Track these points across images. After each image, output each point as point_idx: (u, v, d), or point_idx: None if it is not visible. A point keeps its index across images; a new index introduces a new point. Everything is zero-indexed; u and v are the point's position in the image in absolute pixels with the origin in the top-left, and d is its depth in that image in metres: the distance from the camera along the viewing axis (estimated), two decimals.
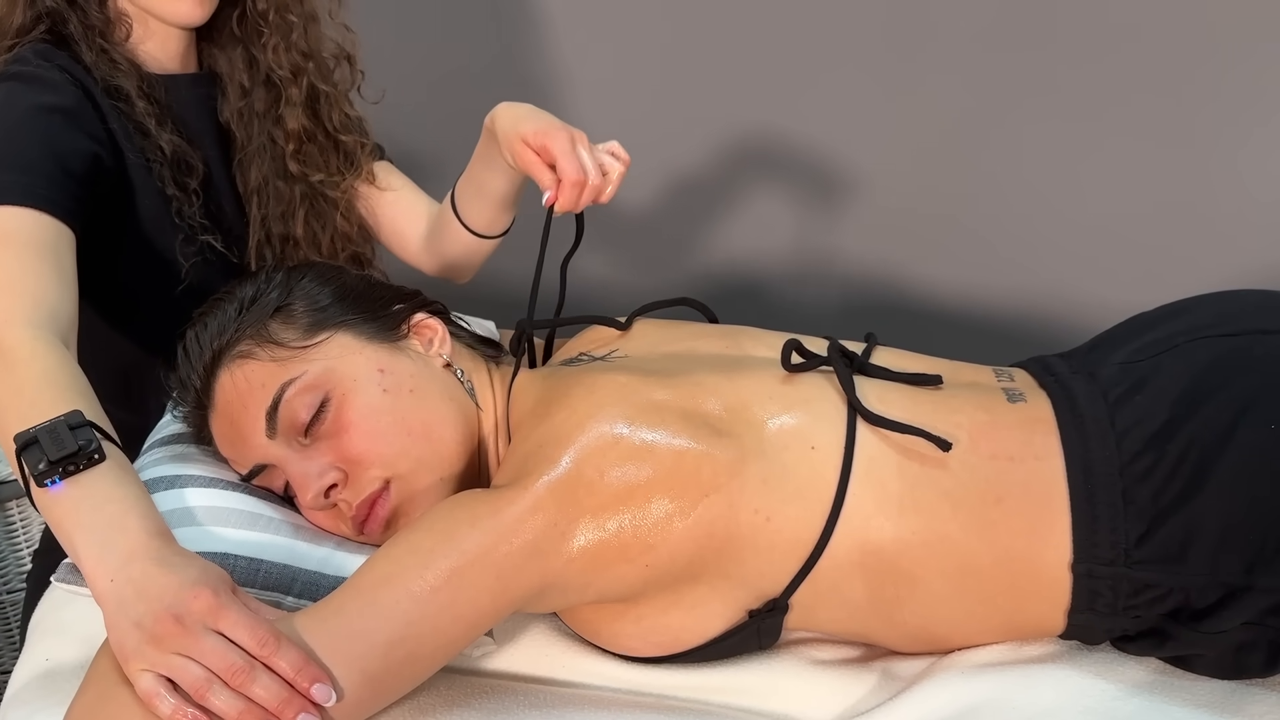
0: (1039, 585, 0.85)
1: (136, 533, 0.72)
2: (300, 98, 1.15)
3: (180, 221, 1.07)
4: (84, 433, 0.74)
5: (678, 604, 0.86)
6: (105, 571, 0.71)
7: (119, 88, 1.04)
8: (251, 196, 1.17)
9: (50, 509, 0.74)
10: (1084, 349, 0.99)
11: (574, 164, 0.96)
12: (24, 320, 0.81)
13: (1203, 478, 0.82)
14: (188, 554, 0.73)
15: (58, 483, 0.73)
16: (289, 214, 1.18)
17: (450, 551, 0.77)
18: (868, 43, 1.65)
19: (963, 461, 0.86)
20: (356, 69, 1.22)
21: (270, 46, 1.13)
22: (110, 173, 1.01)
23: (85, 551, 0.72)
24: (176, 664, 0.68)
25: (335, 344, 0.91)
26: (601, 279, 1.83)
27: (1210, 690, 0.86)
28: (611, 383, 0.87)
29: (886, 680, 0.90)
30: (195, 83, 1.15)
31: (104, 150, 1.00)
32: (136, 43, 1.09)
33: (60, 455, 0.72)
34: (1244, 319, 0.93)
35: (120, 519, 0.73)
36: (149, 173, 1.05)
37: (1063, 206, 1.70)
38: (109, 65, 1.04)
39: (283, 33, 1.13)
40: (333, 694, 0.70)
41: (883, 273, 1.79)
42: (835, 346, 0.94)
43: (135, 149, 1.05)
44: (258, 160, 1.16)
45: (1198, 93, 1.59)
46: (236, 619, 0.69)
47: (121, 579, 0.70)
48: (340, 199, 1.21)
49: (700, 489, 0.82)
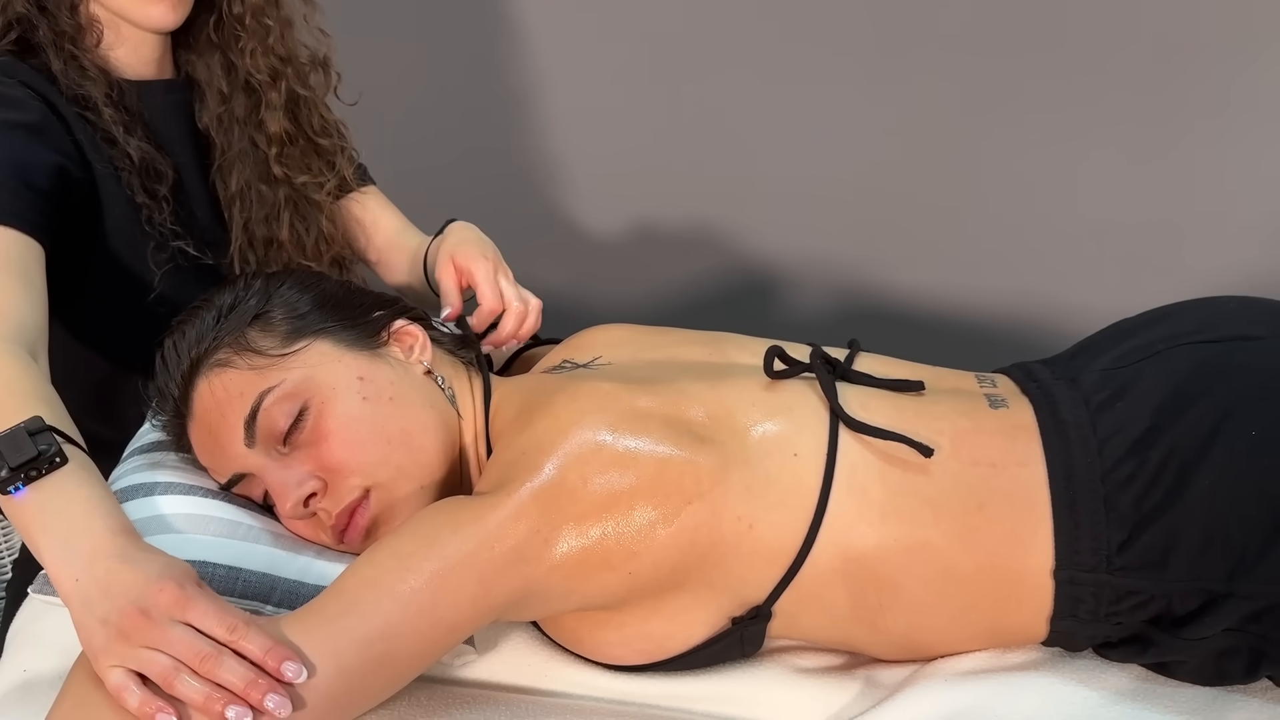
0: (1021, 592, 0.85)
1: (100, 532, 0.72)
2: (280, 101, 1.14)
3: (151, 229, 1.06)
4: (44, 438, 0.74)
5: (660, 611, 0.86)
6: (70, 572, 0.71)
7: (85, 96, 1.03)
8: (233, 201, 1.16)
9: (16, 516, 0.74)
10: (1066, 355, 1.00)
11: (493, 292, 1.06)
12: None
13: (1184, 485, 0.82)
14: (152, 549, 0.73)
15: (21, 489, 0.73)
16: (273, 217, 1.17)
17: (433, 556, 0.77)
18: (851, 47, 1.65)
19: (944, 468, 0.86)
20: (333, 72, 1.22)
21: (248, 51, 1.12)
22: (79, 184, 1.00)
23: (50, 554, 0.72)
24: (145, 656, 0.68)
25: (314, 352, 0.90)
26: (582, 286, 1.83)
27: (1192, 697, 0.86)
28: (595, 390, 0.87)
29: (869, 688, 0.90)
30: (170, 89, 1.15)
31: (71, 163, 0.99)
32: (108, 49, 1.08)
33: (20, 461, 0.73)
34: (1225, 326, 0.93)
35: (83, 519, 0.73)
36: (118, 182, 1.04)
37: (1046, 214, 1.71)
38: (78, 72, 1.03)
39: (260, 37, 1.13)
40: (304, 670, 0.70)
41: (867, 278, 1.79)
42: (818, 353, 0.94)
43: (103, 159, 1.04)
44: (239, 165, 1.15)
45: (1181, 101, 1.60)
46: (204, 609, 0.69)
47: (86, 578, 0.70)
48: (325, 201, 1.20)
49: (683, 496, 0.82)
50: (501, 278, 1.09)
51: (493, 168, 1.82)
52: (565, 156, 1.81)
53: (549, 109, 1.77)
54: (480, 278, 1.07)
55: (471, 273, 1.08)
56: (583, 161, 1.81)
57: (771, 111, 1.71)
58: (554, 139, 1.79)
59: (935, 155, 1.70)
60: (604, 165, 1.81)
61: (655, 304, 1.86)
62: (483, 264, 1.08)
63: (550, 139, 1.79)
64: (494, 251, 1.12)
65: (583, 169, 1.82)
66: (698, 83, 1.71)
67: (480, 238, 1.14)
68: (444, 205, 1.32)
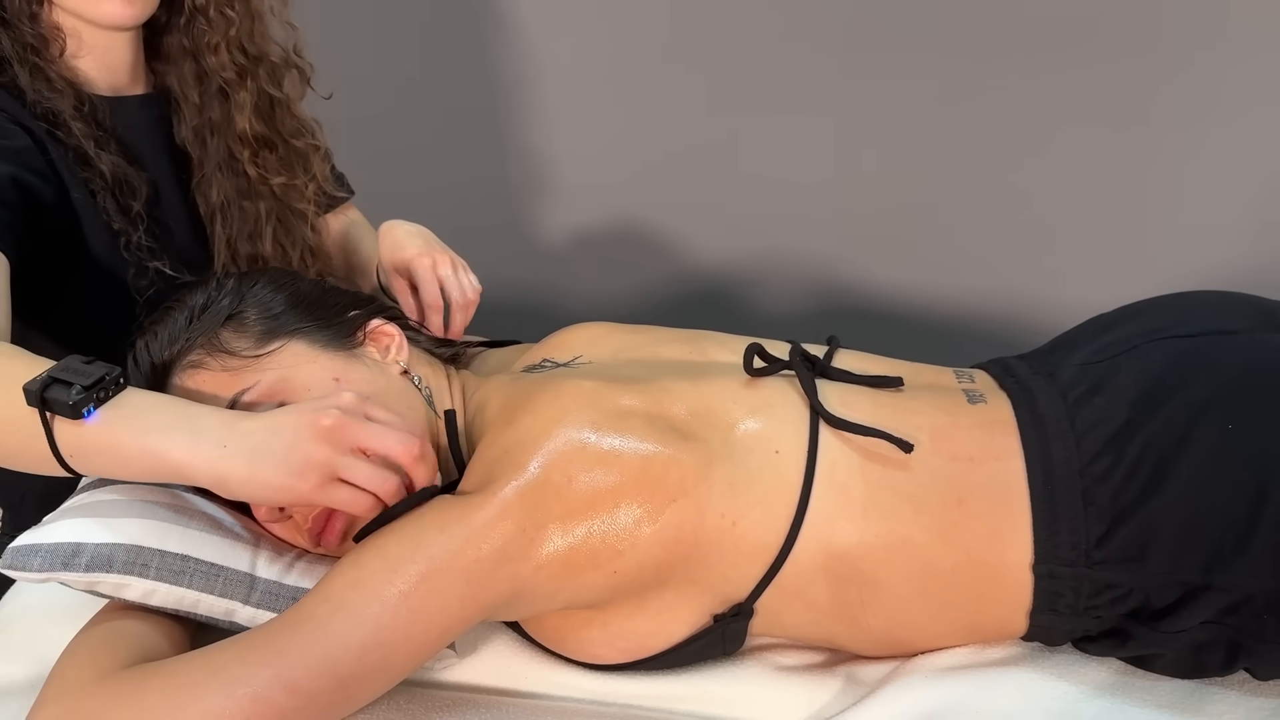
0: (1001, 586, 0.85)
1: (214, 411, 0.75)
2: (250, 102, 1.12)
3: (129, 255, 1.03)
4: (97, 365, 0.74)
5: (644, 609, 0.86)
6: (211, 445, 0.73)
7: (53, 111, 0.99)
8: (214, 216, 1.13)
9: (90, 438, 0.73)
10: (1044, 350, 1.00)
11: (432, 289, 1.08)
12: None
13: (1161, 478, 0.82)
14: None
15: (93, 412, 0.72)
16: (256, 234, 1.15)
17: (419, 557, 0.77)
18: (828, 46, 1.66)
19: (924, 463, 0.86)
20: (306, 72, 1.19)
21: (214, 46, 1.09)
22: (56, 210, 0.97)
23: (172, 445, 0.73)
24: (348, 462, 0.75)
25: (289, 352, 0.89)
26: (560, 284, 1.83)
27: (1171, 690, 0.87)
28: (576, 389, 0.87)
29: (851, 685, 0.90)
30: (146, 104, 1.11)
31: (46, 186, 0.96)
32: (73, 59, 1.04)
33: (91, 381, 0.72)
34: (1200, 320, 0.94)
35: (186, 409, 0.75)
36: (95, 209, 1.01)
37: (1023, 209, 1.71)
38: (44, 84, 1.00)
39: (223, 30, 1.09)
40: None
41: (846, 276, 1.80)
42: (797, 350, 0.94)
43: (79, 184, 1.00)
44: (218, 178, 1.12)
45: (1156, 96, 1.61)
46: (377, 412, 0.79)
47: (237, 438, 0.73)
48: (307, 210, 1.18)
49: (667, 494, 0.82)
50: (441, 268, 1.09)
51: (468, 167, 1.81)
52: (541, 155, 1.80)
53: (525, 107, 1.76)
54: (419, 276, 1.09)
55: (411, 273, 1.10)
56: (559, 160, 1.81)
57: (749, 109, 1.71)
58: (529, 138, 1.79)
59: (913, 153, 1.70)
60: (580, 163, 1.81)
61: (634, 302, 1.86)
62: (417, 261, 1.09)
63: (525, 138, 1.79)
64: (423, 241, 1.12)
65: (559, 167, 1.81)
66: (676, 80, 1.71)
67: (408, 233, 1.13)
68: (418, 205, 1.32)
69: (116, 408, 0.73)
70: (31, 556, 0.81)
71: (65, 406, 0.71)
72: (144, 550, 0.83)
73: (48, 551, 0.82)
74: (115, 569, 0.81)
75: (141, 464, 0.74)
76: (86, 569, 0.81)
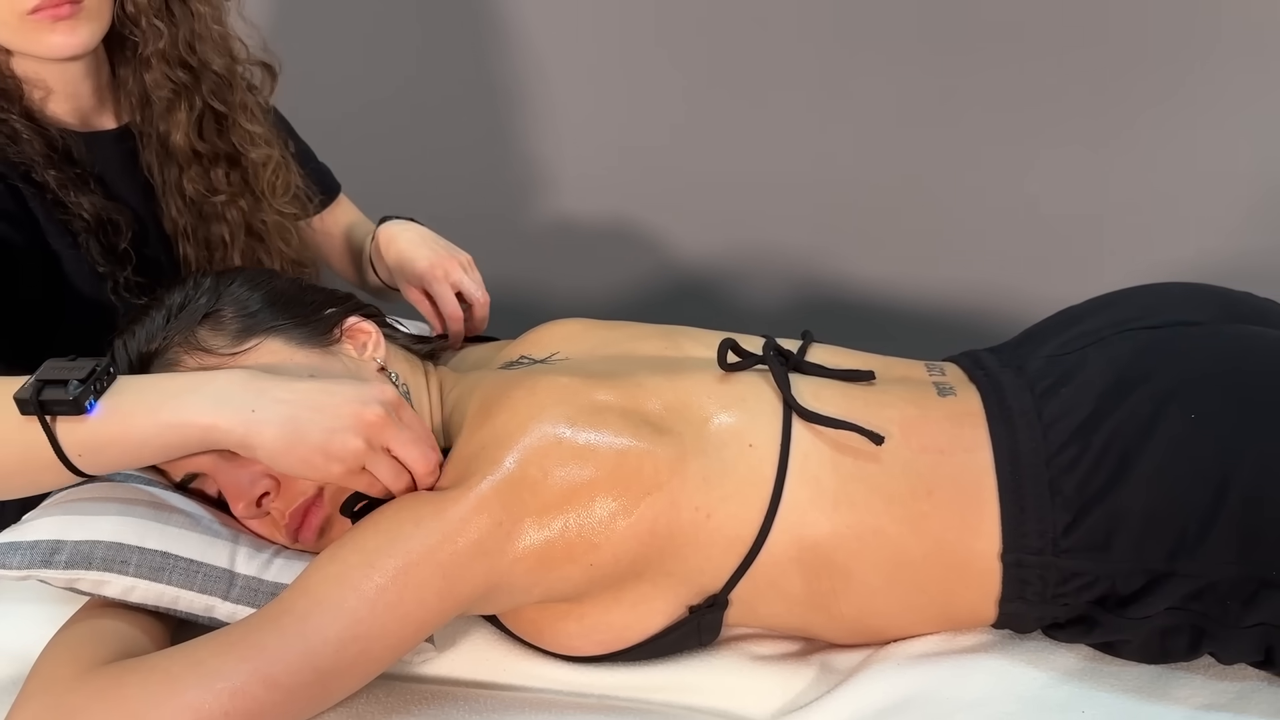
0: (970, 575, 0.86)
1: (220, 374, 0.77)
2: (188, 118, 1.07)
3: (117, 299, 1.01)
4: (82, 360, 0.73)
5: (620, 601, 0.87)
6: (237, 409, 0.73)
7: (25, 162, 0.97)
8: (179, 240, 1.10)
9: (99, 431, 0.73)
10: (1013, 343, 1.01)
11: (452, 303, 1.10)
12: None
13: (1126, 468, 0.83)
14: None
15: (94, 405, 0.72)
16: (225, 259, 1.12)
17: (396, 551, 0.77)
18: (806, 41, 1.66)
19: (894, 455, 0.87)
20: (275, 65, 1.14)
21: (146, 60, 1.05)
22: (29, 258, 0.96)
23: (191, 411, 0.74)
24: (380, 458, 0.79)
25: (265, 350, 0.89)
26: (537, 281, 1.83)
27: (1138, 675, 0.88)
28: (553, 384, 0.87)
29: (825, 673, 0.91)
30: (121, 137, 1.08)
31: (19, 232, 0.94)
32: (41, 104, 1.01)
33: (85, 374, 0.72)
34: (1167, 311, 0.95)
35: (186, 378, 0.76)
36: (79, 259, 0.99)
37: (994, 204, 1.73)
38: (10, 136, 0.97)
39: (154, 41, 1.04)
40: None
41: (820, 270, 1.81)
42: (770, 344, 0.95)
43: (58, 230, 0.98)
44: (175, 201, 1.09)
45: (1129, 92, 1.62)
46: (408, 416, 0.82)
47: (268, 404, 0.74)
48: (281, 221, 1.15)
49: (642, 487, 0.83)
50: (454, 274, 1.10)
51: (448, 163, 1.81)
52: (522, 153, 1.81)
53: (509, 105, 1.76)
54: (436, 292, 1.10)
55: (426, 288, 1.11)
56: (540, 156, 1.81)
57: (725, 105, 1.72)
58: (509, 134, 1.79)
59: (886, 148, 1.71)
60: (561, 159, 1.81)
61: (614, 296, 1.86)
62: (430, 276, 1.11)
63: (505, 134, 1.79)
64: (429, 249, 1.13)
65: (540, 163, 1.81)
66: (656, 75, 1.71)
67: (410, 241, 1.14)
68: (399, 201, 1.32)
69: (117, 394, 0.73)
70: (11, 554, 0.82)
71: (66, 404, 0.71)
72: (123, 547, 0.83)
73: (27, 549, 0.82)
74: (95, 566, 0.82)
75: (160, 442, 0.74)
76: (66, 566, 0.82)
